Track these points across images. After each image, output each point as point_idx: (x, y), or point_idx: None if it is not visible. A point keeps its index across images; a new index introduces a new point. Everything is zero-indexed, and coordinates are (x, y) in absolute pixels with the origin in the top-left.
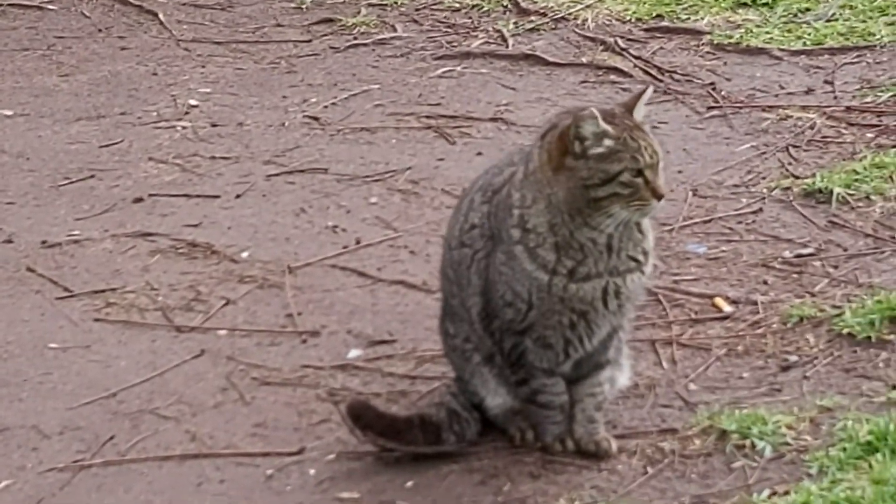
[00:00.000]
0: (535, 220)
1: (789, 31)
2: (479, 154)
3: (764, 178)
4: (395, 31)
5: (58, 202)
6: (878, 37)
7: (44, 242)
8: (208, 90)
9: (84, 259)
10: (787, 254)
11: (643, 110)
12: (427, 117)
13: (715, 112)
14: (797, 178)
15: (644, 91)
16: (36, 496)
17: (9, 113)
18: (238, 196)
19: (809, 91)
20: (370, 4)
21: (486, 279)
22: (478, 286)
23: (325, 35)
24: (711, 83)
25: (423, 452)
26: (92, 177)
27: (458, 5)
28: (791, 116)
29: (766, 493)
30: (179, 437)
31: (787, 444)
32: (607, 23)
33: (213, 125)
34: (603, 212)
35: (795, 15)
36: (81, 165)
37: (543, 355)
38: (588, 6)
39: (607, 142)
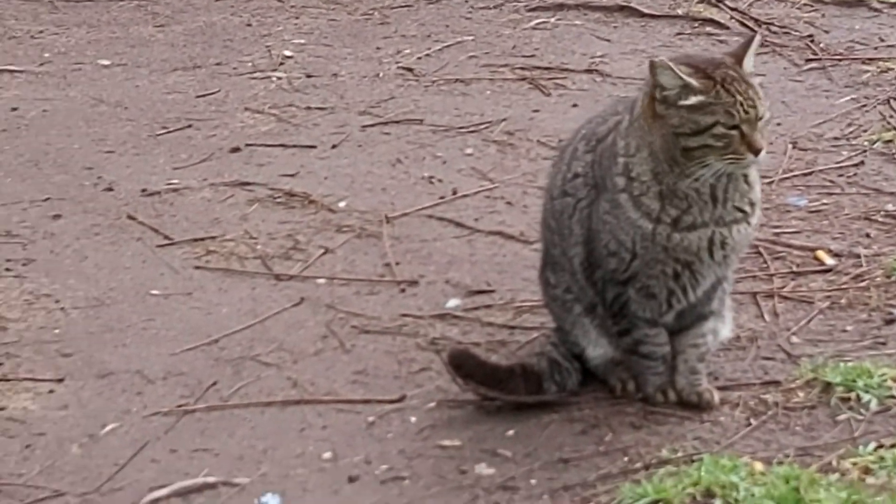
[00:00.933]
0: (639, 169)
1: None
2: (575, 106)
3: (865, 132)
4: None
5: (156, 151)
6: None
7: (143, 191)
8: (302, 41)
9: (183, 207)
10: (889, 207)
11: (752, 60)
12: (521, 69)
13: (813, 64)
14: None
15: (752, 39)
16: (142, 439)
17: (106, 63)
18: (334, 146)
19: None
20: None
21: (589, 228)
22: (580, 236)
23: None
24: (809, 35)
25: (523, 402)
26: (189, 126)
27: None
28: (892, 69)
29: (872, 445)
30: (281, 383)
31: (893, 397)
32: None
33: (308, 76)
34: (697, 162)
35: None
36: (179, 115)
37: (646, 305)
38: None
39: (695, 97)
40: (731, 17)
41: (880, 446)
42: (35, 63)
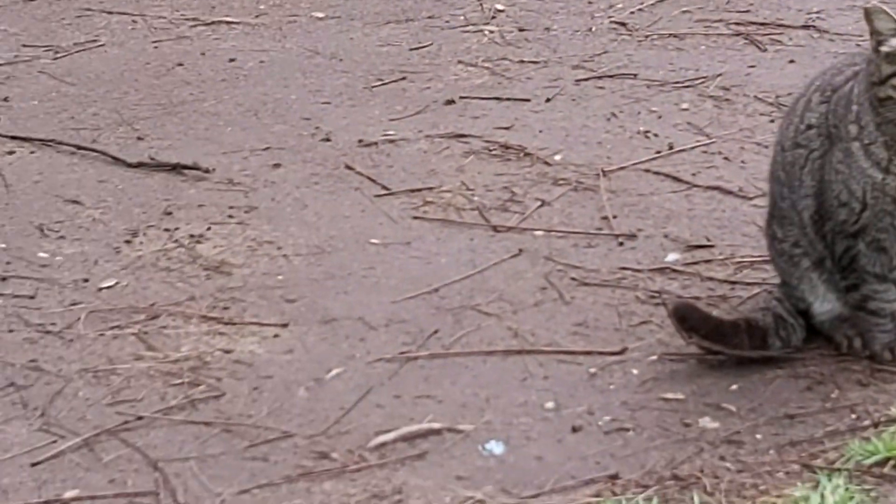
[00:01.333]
0: (866, 117)
1: None
2: (792, 62)
3: None
4: None
5: (371, 103)
6: None
7: (360, 141)
8: None
9: (400, 158)
10: None
11: None
12: (736, 24)
13: None
14: None
15: None
16: (366, 384)
17: (320, 15)
18: (548, 100)
19: None
20: None
21: (821, 180)
22: (811, 188)
23: None
24: None
25: (747, 357)
26: (403, 79)
27: None
28: None
29: None
30: (501, 333)
31: None
32: None
33: (520, 30)
34: (886, 111)
35: None
36: (393, 67)
37: (876, 260)
38: None
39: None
40: None
41: None
42: (251, 15)
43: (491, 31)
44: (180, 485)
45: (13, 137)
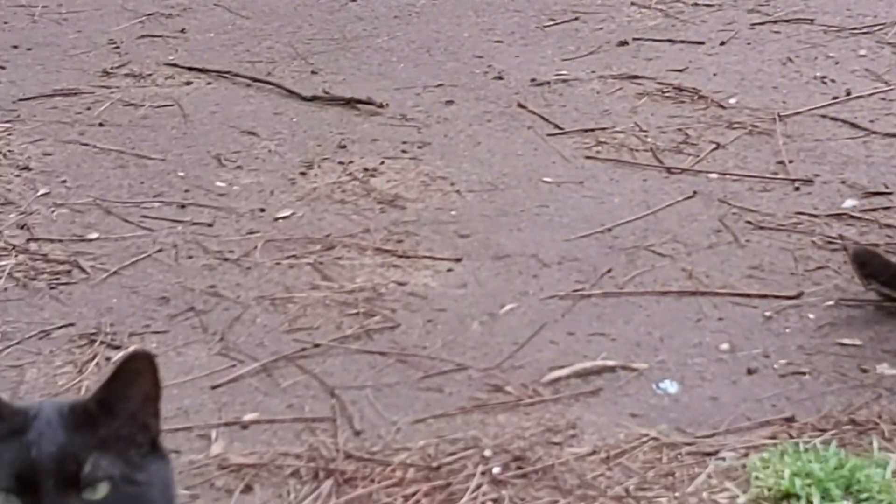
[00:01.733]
0: None
1: None
2: None
3: None
4: None
5: (544, 42)
6: None
7: (533, 80)
8: None
9: (572, 98)
10: None
11: None
12: None
13: None
14: None
15: None
16: (539, 320)
17: None
18: (722, 43)
19: None
20: None
21: None
22: None
23: None
24: None
25: None
26: (576, 19)
27: None
28: None
29: None
30: (675, 273)
31: None
32: None
33: None
34: None
35: None
36: (566, 7)
37: None
38: None
39: None
40: None
41: None
42: None
43: None
44: (356, 412)
45: (190, 69)
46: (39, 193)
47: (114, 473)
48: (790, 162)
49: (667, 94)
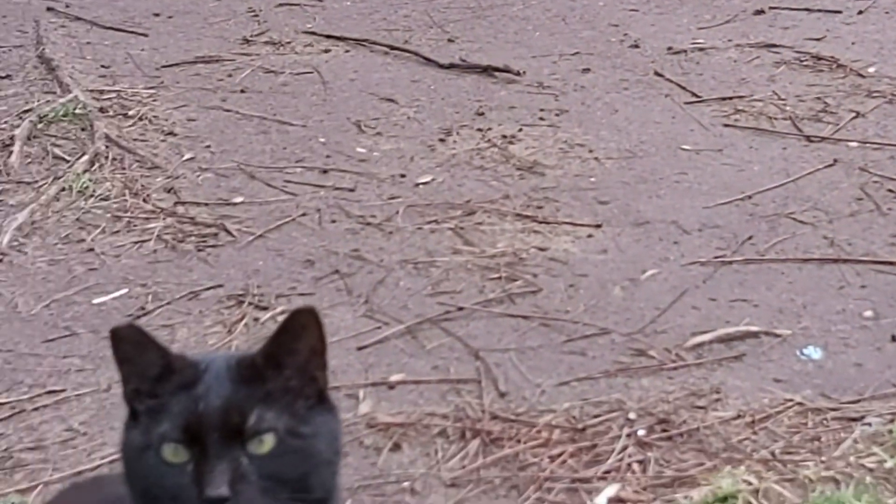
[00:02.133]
0: None
1: None
2: None
3: None
4: None
5: (679, 11)
6: None
7: (669, 49)
8: None
9: (709, 66)
10: None
11: None
12: None
13: None
14: None
15: None
16: (680, 286)
17: None
18: (860, 12)
19: None
20: None
21: None
22: None
23: None
24: None
25: None
26: None
27: None
28: None
29: None
30: (817, 241)
31: None
32: None
33: None
34: None
35: None
36: None
37: None
38: None
39: None
40: None
41: None
42: None
43: None
44: (501, 374)
45: (328, 37)
46: (185, 158)
47: (278, 426)
48: None
49: (805, 63)
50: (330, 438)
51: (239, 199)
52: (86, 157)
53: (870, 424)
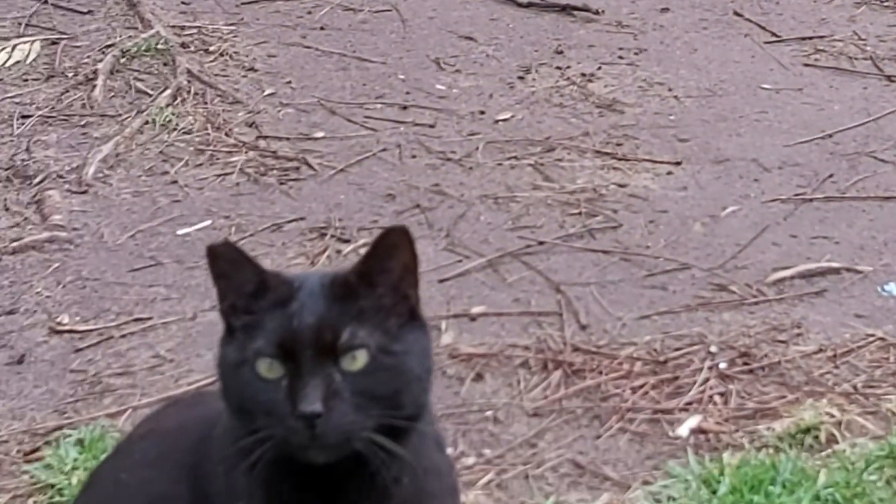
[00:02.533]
0: None
1: None
2: None
3: None
4: None
5: None
6: None
7: None
8: None
9: (789, 6)
10: None
11: None
12: None
13: None
14: None
15: None
16: (761, 223)
17: None
18: None
19: None
20: None
21: None
22: None
23: None
24: None
25: None
26: None
27: None
28: None
29: None
30: None
31: None
32: None
33: None
34: None
35: None
36: None
37: None
38: None
39: None
40: None
41: None
42: None
43: None
44: (582, 307)
45: None
46: (266, 94)
47: (370, 343)
48: None
49: (885, 4)
50: (421, 356)
51: (320, 134)
52: (168, 92)
53: None
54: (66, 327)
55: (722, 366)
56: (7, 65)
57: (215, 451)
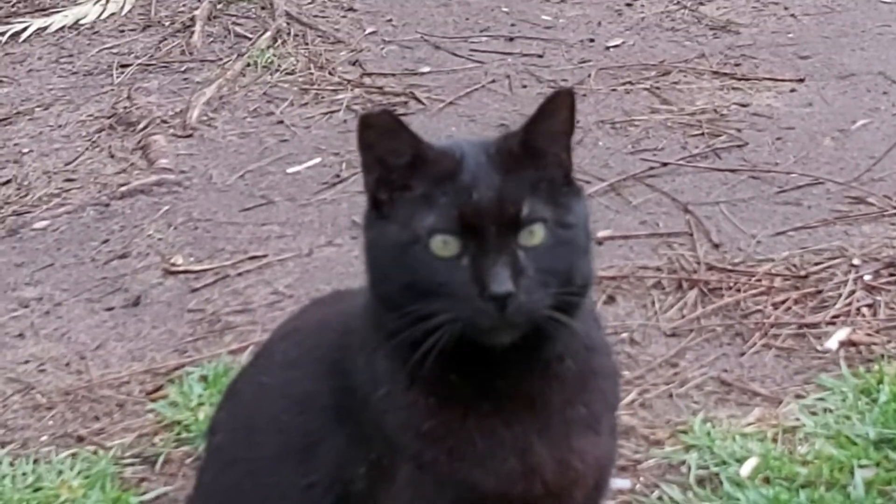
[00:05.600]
0: None
1: None
2: None
3: None
4: None
5: None
6: None
7: None
8: None
9: None
10: None
11: None
12: None
13: None
14: None
15: None
16: (894, 135)
17: None
18: None
19: None
20: None
21: None
22: None
23: None
24: None
25: None
26: None
27: None
28: None
29: None
30: None
31: None
32: None
33: None
34: None
35: None
36: None
37: None
38: None
39: None
40: None
41: None
42: None
43: None
44: (713, 226)
45: None
46: (367, 32)
47: (547, 216)
48: None
49: None
50: (586, 225)
51: (426, 69)
52: (268, 34)
53: None
54: (181, 268)
55: (867, 277)
56: (102, 17)
57: (357, 342)
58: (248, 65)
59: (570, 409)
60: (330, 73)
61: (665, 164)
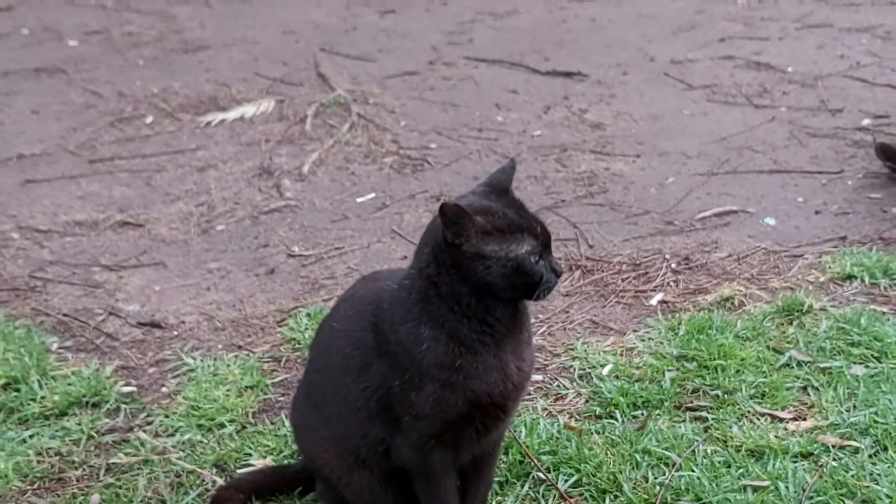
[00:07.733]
0: None
1: None
2: None
3: None
4: None
5: (674, 40)
6: None
7: (671, 60)
8: None
9: (695, 69)
10: None
11: None
12: None
13: None
14: None
15: None
16: (688, 187)
17: None
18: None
19: None
20: None
21: None
22: None
23: None
24: None
25: None
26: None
27: None
28: None
29: None
30: (766, 163)
31: None
32: None
33: None
34: None
35: None
36: None
37: None
38: None
39: None
40: None
41: None
42: None
43: None
44: (589, 236)
45: (477, 59)
46: (402, 125)
47: None
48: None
49: (750, 64)
50: None
51: (433, 146)
52: (347, 125)
53: (807, 258)
54: (297, 253)
55: (673, 265)
56: (257, 113)
57: (398, 313)
58: (336, 142)
59: (523, 334)
60: (380, 146)
61: (563, 201)
